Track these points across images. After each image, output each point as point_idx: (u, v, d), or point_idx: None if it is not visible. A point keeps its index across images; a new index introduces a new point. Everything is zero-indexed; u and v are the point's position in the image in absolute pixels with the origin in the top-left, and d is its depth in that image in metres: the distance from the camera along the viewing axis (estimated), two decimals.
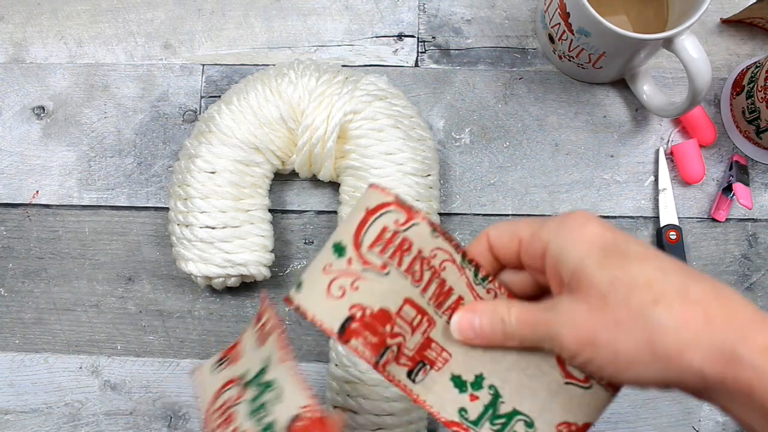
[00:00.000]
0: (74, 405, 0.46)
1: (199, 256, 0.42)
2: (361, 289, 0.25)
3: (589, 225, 0.25)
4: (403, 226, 0.26)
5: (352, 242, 0.26)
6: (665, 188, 0.47)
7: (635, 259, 0.24)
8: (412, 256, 0.26)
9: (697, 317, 0.23)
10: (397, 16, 0.50)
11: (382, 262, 0.26)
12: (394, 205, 0.26)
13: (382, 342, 0.26)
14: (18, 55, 0.50)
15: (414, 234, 0.26)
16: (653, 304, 0.23)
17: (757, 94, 0.44)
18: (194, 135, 0.44)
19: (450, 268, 0.27)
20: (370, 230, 0.26)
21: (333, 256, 0.26)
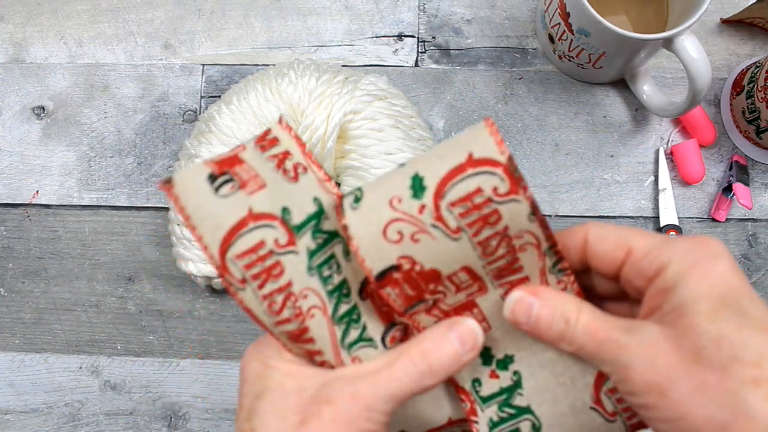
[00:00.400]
0: (74, 405, 0.46)
1: (199, 256, 0.42)
2: (422, 243, 0.22)
3: (720, 263, 0.22)
4: (501, 197, 0.22)
5: (435, 188, 0.22)
6: (665, 188, 0.47)
7: (755, 325, 0.21)
8: (495, 231, 0.23)
9: None
10: (397, 16, 0.50)
11: (458, 225, 0.22)
12: (503, 169, 0.22)
13: (419, 296, 0.24)
14: (18, 55, 0.50)
15: (509, 210, 0.22)
16: (754, 384, 0.20)
17: (757, 94, 0.44)
18: (194, 135, 0.44)
19: (531, 252, 0.24)
20: (461, 184, 0.22)
21: (408, 190, 0.22)
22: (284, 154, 0.24)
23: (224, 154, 0.23)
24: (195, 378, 0.46)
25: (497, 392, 0.25)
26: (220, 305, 0.47)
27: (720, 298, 0.21)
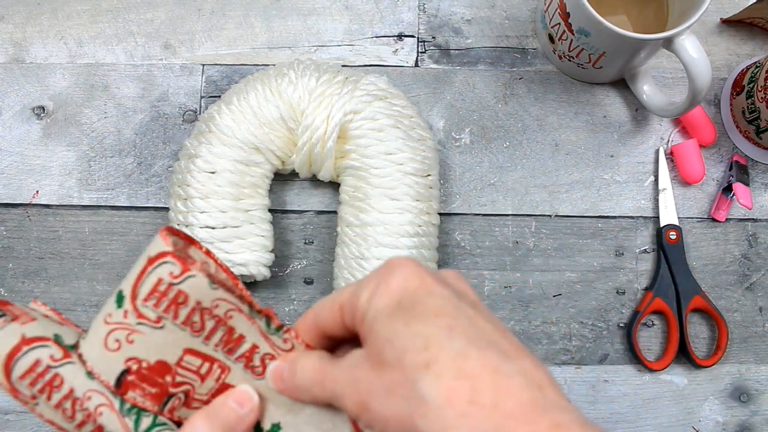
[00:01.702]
0: None
1: None
2: (137, 342, 0.25)
3: (395, 273, 0.23)
4: (178, 278, 0.25)
5: (130, 293, 0.25)
6: (665, 188, 0.47)
7: (425, 313, 0.22)
8: (190, 308, 0.25)
9: (463, 395, 0.20)
10: (397, 16, 0.50)
11: (156, 315, 0.25)
12: (171, 255, 0.25)
13: (163, 391, 0.26)
14: (18, 55, 0.50)
15: (190, 286, 0.25)
16: (424, 369, 0.20)
17: (757, 94, 0.44)
18: (194, 135, 0.44)
19: (238, 317, 0.26)
20: (146, 281, 0.25)
21: (114, 306, 0.25)
22: None
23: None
24: None
25: None
26: None
27: (396, 303, 0.22)
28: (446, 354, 0.20)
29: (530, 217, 0.48)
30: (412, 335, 0.21)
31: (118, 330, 0.25)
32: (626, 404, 0.46)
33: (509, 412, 0.20)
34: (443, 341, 0.21)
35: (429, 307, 0.22)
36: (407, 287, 0.23)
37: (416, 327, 0.21)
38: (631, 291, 0.47)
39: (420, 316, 0.22)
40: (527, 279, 0.47)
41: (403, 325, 0.22)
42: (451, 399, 0.20)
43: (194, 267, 0.25)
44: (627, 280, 0.47)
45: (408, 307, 0.22)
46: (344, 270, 0.43)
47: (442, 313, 0.22)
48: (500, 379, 0.20)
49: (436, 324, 0.21)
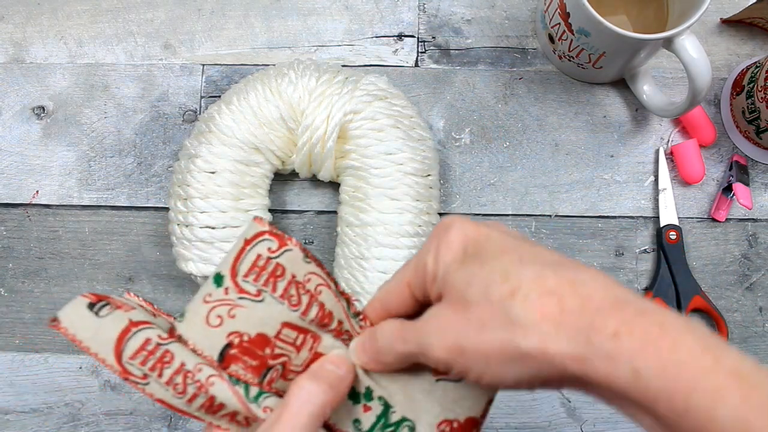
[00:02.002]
0: (74, 405, 0.46)
1: (199, 256, 0.42)
2: (238, 316, 0.26)
3: (451, 229, 0.25)
4: (275, 252, 0.27)
5: (230, 271, 0.27)
6: (665, 188, 0.47)
7: (494, 252, 0.23)
8: (287, 281, 0.27)
9: (552, 307, 0.21)
10: (397, 16, 0.50)
11: (257, 289, 0.27)
12: (268, 233, 0.27)
13: (263, 364, 0.27)
14: (18, 55, 0.50)
15: (286, 260, 0.27)
16: (510, 297, 0.22)
17: (757, 94, 0.44)
18: (194, 135, 0.44)
19: (326, 293, 0.28)
20: (245, 259, 0.27)
21: (213, 286, 0.27)
22: None
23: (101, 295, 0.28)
24: None
25: (375, 421, 0.28)
26: None
27: (463, 252, 0.24)
28: (526, 279, 0.22)
29: (530, 217, 0.48)
30: (489, 272, 0.23)
31: (219, 307, 0.26)
32: None
33: (596, 309, 0.21)
34: (519, 270, 0.22)
35: (494, 247, 0.24)
36: (467, 237, 0.24)
37: (491, 265, 0.23)
38: None
39: (489, 256, 0.23)
40: None
41: (477, 267, 0.23)
42: (544, 314, 0.21)
43: (290, 241, 0.27)
44: (627, 280, 0.47)
45: (475, 253, 0.24)
46: (344, 270, 0.43)
47: (507, 249, 0.23)
48: (579, 287, 0.22)
49: (506, 259, 0.23)
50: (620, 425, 0.46)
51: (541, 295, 0.22)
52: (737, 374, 0.19)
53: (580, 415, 0.46)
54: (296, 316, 0.27)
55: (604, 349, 0.20)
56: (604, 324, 0.21)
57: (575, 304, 0.21)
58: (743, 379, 0.19)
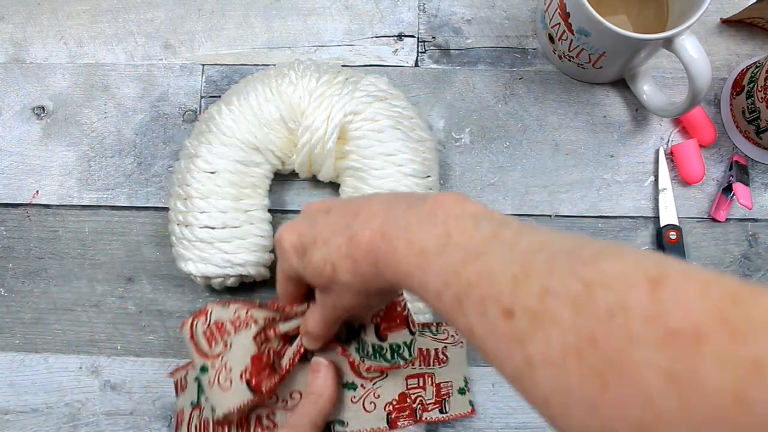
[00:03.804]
0: (74, 405, 0.46)
1: (199, 256, 0.42)
2: (232, 364, 0.34)
3: (283, 242, 0.33)
4: (207, 320, 0.36)
5: (202, 356, 0.35)
6: (665, 188, 0.47)
7: (311, 249, 0.31)
8: (230, 324, 0.36)
9: (351, 266, 0.29)
10: (397, 16, 0.50)
11: (223, 343, 0.35)
12: (194, 318, 0.37)
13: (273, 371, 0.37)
14: (18, 55, 0.50)
15: (216, 317, 0.36)
16: (335, 272, 0.30)
17: (757, 94, 0.44)
18: (194, 135, 0.44)
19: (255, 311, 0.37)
20: (200, 343, 0.36)
21: (205, 376, 0.35)
22: None
23: None
24: None
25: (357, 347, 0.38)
26: None
27: (297, 256, 0.33)
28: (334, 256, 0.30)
29: (530, 217, 0.48)
30: (317, 263, 0.31)
31: (219, 375, 0.35)
32: None
33: (365, 249, 0.29)
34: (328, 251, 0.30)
35: (309, 242, 0.31)
36: (293, 243, 0.32)
37: (315, 256, 0.31)
38: None
39: (310, 250, 0.31)
40: None
41: (309, 263, 0.32)
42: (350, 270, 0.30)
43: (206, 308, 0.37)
44: None
45: (303, 252, 0.32)
46: None
47: (315, 238, 0.31)
48: (354, 239, 0.29)
49: (318, 247, 0.31)
50: None
51: (344, 260, 0.29)
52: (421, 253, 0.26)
53: None
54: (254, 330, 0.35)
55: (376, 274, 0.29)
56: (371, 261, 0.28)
57: (358, 254, 0.29)
58: (422, 255, 0.26)
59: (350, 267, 0.29)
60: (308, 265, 0.32)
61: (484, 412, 0.46)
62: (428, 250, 0.26)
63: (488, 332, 0.23)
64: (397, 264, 0.27)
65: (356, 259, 0.29)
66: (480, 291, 0.23)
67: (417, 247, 0.26)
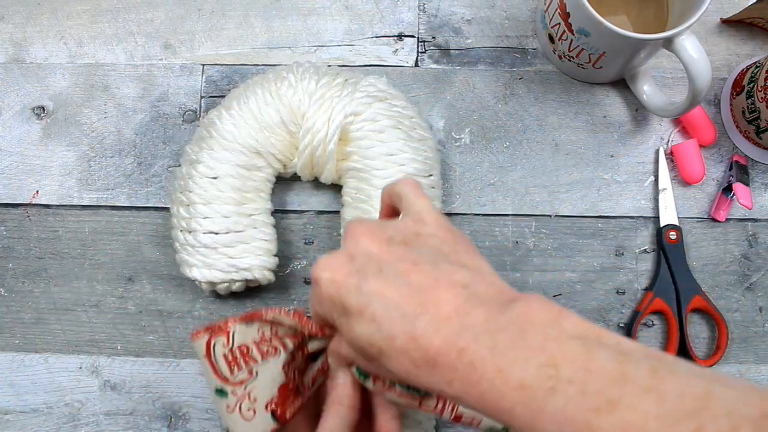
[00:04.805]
0: (74, 405, 0.46)
1: (203, 262, 0.42)
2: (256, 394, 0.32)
3: (320, 286, 0.28)
4: (230, 343, 0.33)
5: (221, 381, 0.32)
6: (665, 188, 0.47)
7: (354, 318, 0.27)
8: (256, 347, 0.33)
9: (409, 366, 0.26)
10: (397, 16, 0.50)
11: (247, 371, 0.32)
12: (212, 337, 0.33)
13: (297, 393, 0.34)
14: (18, 55, 0.50)
15: (240, 338, 0.33)
16: (381, 357, 0.26)
17: (757, 94, 0.44)
18: (195, 141, 0.44)
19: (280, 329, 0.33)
20: (220, 366, 0.32)
21: (223, 399, 0.32)
22: None
23: None
24: (195, 378, 0.46)
25: None
26: (220, 305, 0.47)
27: (334, 309, 0.29)
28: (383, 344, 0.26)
29: (530, 217, 0.48)
30: (359, 340, 0.27)
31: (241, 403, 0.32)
32: None
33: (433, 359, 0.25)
34: (376, 336, 0.26)
35: (352, 307, 0.27)
36: (330, 296, 0.28)
37: (357, 329, 0.27)
38: (631, 291, 0.47)
39: (353, 319, 0.27)
40: (527, 279, 0.47)
41: (350, 332, 0.27)
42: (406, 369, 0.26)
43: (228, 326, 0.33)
44: (627, 280, 0.47)
45: (342, 312, 0.28)
46: None
47: (360, 309, 0.27)
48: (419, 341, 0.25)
49: (363, 322, 0.27)
50: None
51: (398, 356, 0.25)
52: (521, 387, 0.22)
53: None
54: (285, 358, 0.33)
55: (448, 393, 0.25)
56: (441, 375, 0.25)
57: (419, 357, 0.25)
58: (525, 390, 0.22)
59: (404, 365, 0.25)
60: (348, 332, 0.27)
61: None
62: (531, 386, 0.22)
63: None
64: (485, 394, 0.23)
65: (417, 363, 0.25)
66: None
67: (514, 379, 0.22)
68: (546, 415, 0.21)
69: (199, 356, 0.33)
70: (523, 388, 0.22)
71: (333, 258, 0.28)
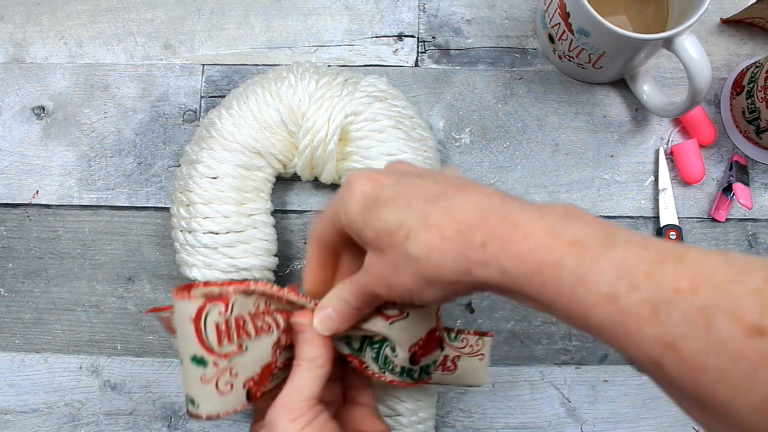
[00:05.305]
0: (74, 405, 0.46)
1: (203, 262, 0.42)
2: (239, 369, 0.30)
3: (353, 186, 0.28)
4: (227, 312, 0.30)
5: (205, 350, 0.29)
6: (665, 188, 0.47)
7: (386, 205, 0.27)
8: (251, 322, 0.31)
9: (436, 238, 0.25)
10: (397, 16, 0.50)
11: (236, 345, 0.30)
12: (209, 302, 0.29)
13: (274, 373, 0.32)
14: (18, 55, 0.50)
15: (238, 309, 0.30)
16: (406, 239, 0.26)
17: (757, 94, 0.44)
18: (195, 141, 0.44)
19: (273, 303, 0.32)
20: (208, 334, 0.29)
21: (200, 368, 0.29)
22: None
23: None
24: None
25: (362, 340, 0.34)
26: None
27: (363, 208, 0.28)
28: (413, 220, 0.26)
29: None
30: (388, 223, 0.26)
31: (221, 377, 0.30)
32: (626, 404, 0.46)
33: (467, 228, 0.24)
34: (407, 215, 0.26)
35: (387, 196, 0.27)
36: (365, 191, 0.28)
37: (387, 216, 0.27)
38: None
39: (384, 206, 0.27)
40: None
41: (378, 220, 0.27)
42: (430, 245, 0.25)
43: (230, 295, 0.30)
44: None
45: (373, 206, 0.27)
46: None
47: (396, 196, 0.27)
48: (455, 213, 0.25)
49: (397, 206, 0.27)
50: (620, 425, 0.46)
51: (427, 231, 0.25)
52: (574, 243, 0.22)
53: (580, 415, 0.46)
54: (276, 336, 0.31)
55: (477, 259, 0.24)
56: (473, 239, 0.24)
57: (451, 230, 0.25)
58: (578, 245, 0.22)
59: (432, 241, 0.25)
60: (372, 221, 0.27)
61: (483, 412, 0.46)
62: (586, 241, 0.22)
63: (716, 348, 0.18)
64: (528, 250, 0.22)
65: (447, 235, 0.24)
66: (699, 300, 0.19)
67: (567, 236, 0.22)
68: (601, 266, 0.21)
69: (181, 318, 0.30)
70: (576, 244, 0.22)
71: (367, 170, 0.29)
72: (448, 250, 0.24)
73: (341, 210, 0.29)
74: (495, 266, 0.23)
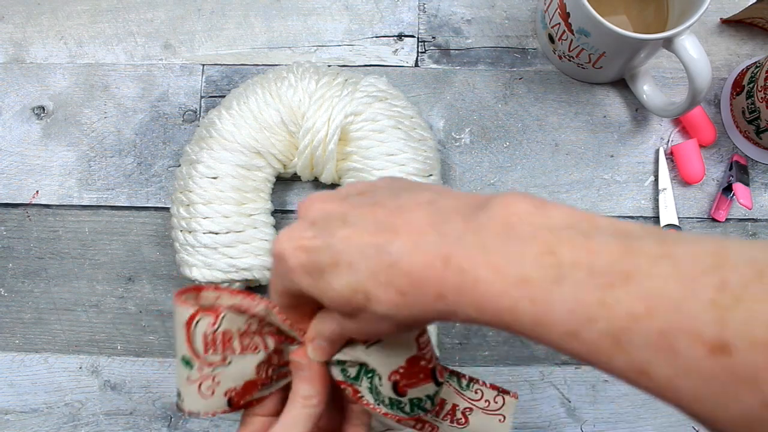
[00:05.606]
0: (74, 405, 0.46)
1: (203, 262, 0.42)
2: (221, 379, 0.31)
3: (287, 259, 0.26)
4: (216, 325, 0.30)
5: (192, 354, 0.31)
6: (665, 188, 0.47)
7: (331, 271, 0.25)
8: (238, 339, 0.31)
9: (396, 297, 0.24)
10: (397, 16, 0.50)
11: (220, 357, 0.31)
12: (201, 312, 0.30)
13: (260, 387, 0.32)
14: (18, 55, 0.50)
15: (227, 324, 0.31)
16: (368, 302, 0.24)
17: (757, 94, 0.44)
18: (195, 141, 0.44)
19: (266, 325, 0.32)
20: (196, 341, 0.30)
21: (187, 369, 0.31)
22: None
23: None
24: None
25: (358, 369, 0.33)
26: None
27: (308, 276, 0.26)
28: (366, 284, 0.24)
29: None
30: (340, 292, 0.25)
31: (203, 381, 0.31)
32: (626, 404, 0.46)
33: (417, 278, 0.23)
34: (357, 278, 0.24)
35: (326, 263, 0.25)
36: (302, 263, 0.26)
37: (336, 282, 0.25)
38: None
39: (330, 274, 0.25)
40: None
41: (330, 290, 0.25)
42: (394, 303, 0.24)
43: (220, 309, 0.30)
44: None
45: (318, 274, 0.25)
46: None
47: (335, 259, 0.25)
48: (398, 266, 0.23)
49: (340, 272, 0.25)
50: (620, 425, 0.46)
51: (385, 290, 0.24)
52: (522, 281, 0.21)
53: (580, 415, 0.46)
54: (262, 357, 0.31)
55: (442, 309, 0.23)
56: (428, 293, 0.23)
57: (405, 284, 0.23)
58: (526, 284, 0.21)
59: (393, 299, 0.23)
60: (326, 291, 0.25)
61: None
62: (533, 278, 0.20)
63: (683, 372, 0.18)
64: (483, 298, 0.21)
65: (403, 290, 0.23)
66: (656, 324, 0.18)
67: (512, 275, 0.21)
68: (554, 306, 0.20)
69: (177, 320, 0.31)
70: (525, 282, 0.20)
71: (292, 229, 0.27)
72: (413, 303, 0.23)
73: (289, 283, 0.27)
74: (462, 313, 0.22)
